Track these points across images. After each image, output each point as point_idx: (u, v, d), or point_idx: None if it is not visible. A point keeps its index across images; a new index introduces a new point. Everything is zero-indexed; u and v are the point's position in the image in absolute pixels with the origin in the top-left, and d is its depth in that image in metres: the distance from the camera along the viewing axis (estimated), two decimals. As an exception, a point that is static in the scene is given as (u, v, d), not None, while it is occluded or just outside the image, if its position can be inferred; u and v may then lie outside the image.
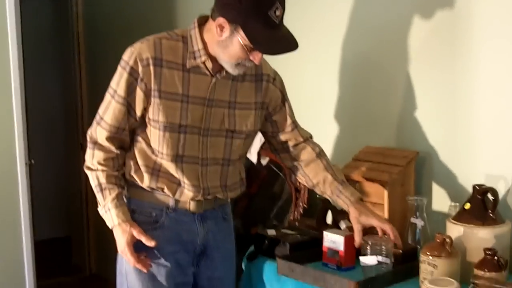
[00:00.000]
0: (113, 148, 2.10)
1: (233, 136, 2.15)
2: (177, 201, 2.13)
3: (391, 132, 2.57)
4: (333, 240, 2.16)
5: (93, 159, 2.11)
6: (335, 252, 2.15)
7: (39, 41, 5.55)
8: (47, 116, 5.71)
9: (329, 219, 2.50)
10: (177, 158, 2.09)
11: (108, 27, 4.59)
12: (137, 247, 2.09)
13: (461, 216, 2.03)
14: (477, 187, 2.04)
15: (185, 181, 2.11)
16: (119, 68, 2.07)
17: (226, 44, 1.98)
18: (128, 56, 2.05)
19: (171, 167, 2.10)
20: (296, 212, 2.76)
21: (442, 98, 2.36)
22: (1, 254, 3.21)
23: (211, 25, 2.01)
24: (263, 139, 2.68)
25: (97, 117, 2.12)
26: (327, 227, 2.43)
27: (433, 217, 2.36)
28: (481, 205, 2.01)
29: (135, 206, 2.14)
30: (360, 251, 2.08)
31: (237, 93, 2.14)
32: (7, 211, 3.21)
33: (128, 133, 2.11)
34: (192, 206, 2.15)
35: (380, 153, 2.46)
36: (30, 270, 3.29)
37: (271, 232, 2.40)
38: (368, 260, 2.03)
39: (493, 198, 2.01)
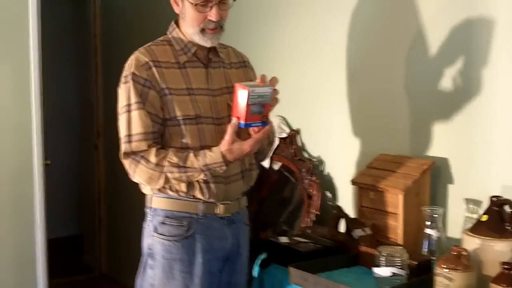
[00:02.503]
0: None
1: None
2: (206, 206, 2.13)
3: (406, 140, 2.54)
4: (261, 94, 2.00)
5: (151, 164, 2.04)
6: (261, 107, 2.01)
7: (58, 41, 5.56)
8: (63, 115, 5.71)
9: (342, 227, 2.48)
10: (201, 150, 2.09)
11: (125, 28, 4.59)
12: (171, 258, 2.11)
13: (478, 228, 2.00)
14: (494, 199, 2.01)
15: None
16: (122, 86, 2.11)
17: (184, 15, 2.11)
18: (126, 70, 2.10)
19: None
20: (308, 219, 2.73)
21: (458, 106, 2.33)
22: (14, 251, 3.23)
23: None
24: (276, 144, 2.67)
25: (125, 139, 2.08)
26: (339, 235, 2.41)
27: (449, 229, 2.33)
28: (498, 217, 1.98)
29: (166, 216, 2.13)
30: None
31: (231, 79, 2.21)
32: (22, 210, 3.23)
33: (160, 139, 2.09)
34: (220, 209, 2.16)
35: (394, 162, 2.43)
36: (42, 268, 3.30)
37: (284, 239, 2.38)
38: (383, 271, 2.01)
39: (510, 210, 1.98)
